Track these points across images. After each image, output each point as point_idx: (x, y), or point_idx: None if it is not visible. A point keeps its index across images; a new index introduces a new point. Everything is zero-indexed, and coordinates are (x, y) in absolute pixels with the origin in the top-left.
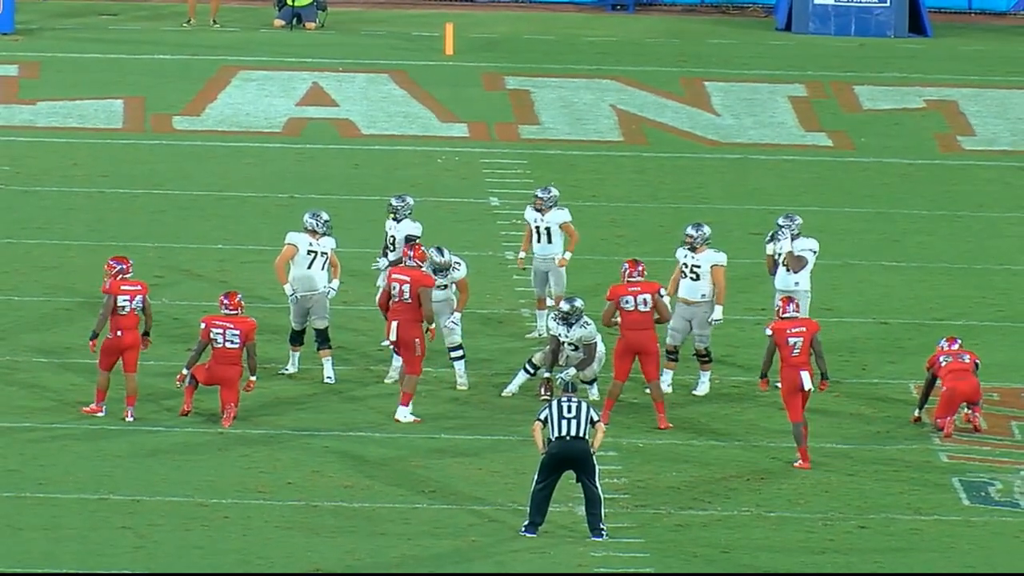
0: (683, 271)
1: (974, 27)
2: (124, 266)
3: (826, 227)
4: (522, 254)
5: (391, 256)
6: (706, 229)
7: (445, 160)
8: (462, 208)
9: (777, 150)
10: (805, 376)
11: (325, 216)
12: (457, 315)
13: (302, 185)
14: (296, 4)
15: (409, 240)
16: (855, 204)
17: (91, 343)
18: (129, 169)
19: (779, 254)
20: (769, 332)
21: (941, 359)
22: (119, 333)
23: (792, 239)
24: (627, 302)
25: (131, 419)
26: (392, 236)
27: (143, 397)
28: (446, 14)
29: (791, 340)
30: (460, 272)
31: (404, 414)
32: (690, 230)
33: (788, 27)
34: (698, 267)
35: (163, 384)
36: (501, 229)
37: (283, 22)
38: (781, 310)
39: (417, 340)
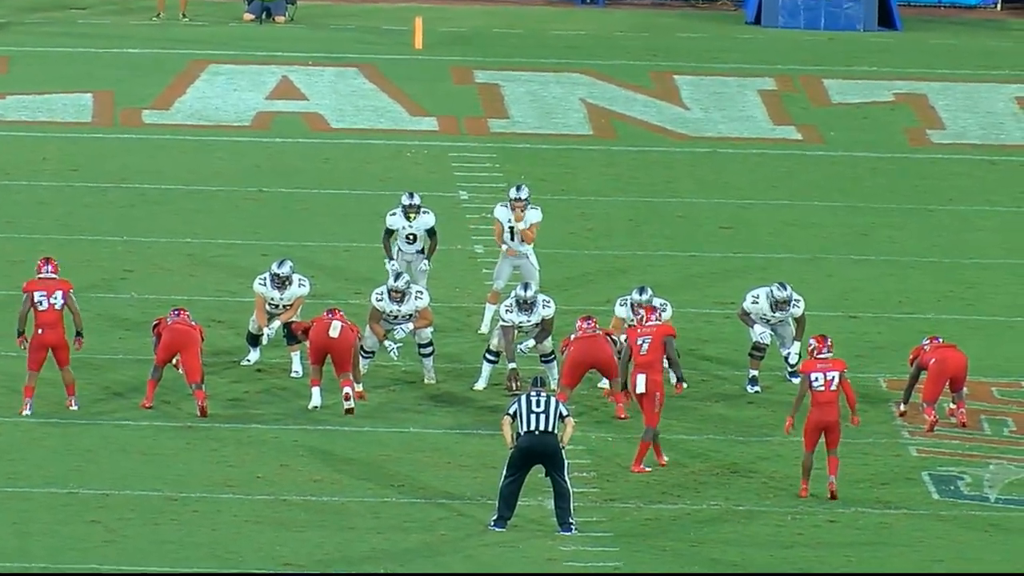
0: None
1: (943, 21)
2: (51, 266)
3: (795, 221)
4: (504, 246)
5: (414, 247)
6: (650, 291)
7: (414, 154)
8: (431, 202)
9: (747, 144)
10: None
11: (287, 268)
12: (408, 326)
13: (271, 179)
14: None
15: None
16: (824, 198)
17: (18, 340)
18: (99, 163)
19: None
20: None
21: (925, 345)
22: (40, 331)
23: (776, 307)
24: (575, 332)
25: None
26: (412, 234)
27: (111, 392)
28: (415, 8)
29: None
30: (423, 301)
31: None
32: (640, 296)
33: (758, 21)
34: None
35: (132, 378)
36: (471, 223)
37: (252, 16)
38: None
39: (353, 350)
